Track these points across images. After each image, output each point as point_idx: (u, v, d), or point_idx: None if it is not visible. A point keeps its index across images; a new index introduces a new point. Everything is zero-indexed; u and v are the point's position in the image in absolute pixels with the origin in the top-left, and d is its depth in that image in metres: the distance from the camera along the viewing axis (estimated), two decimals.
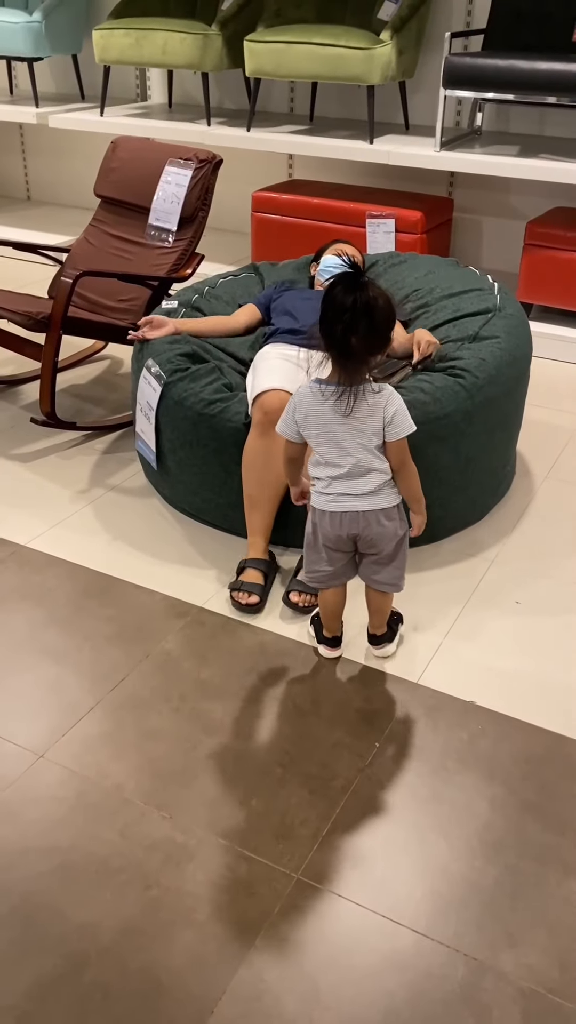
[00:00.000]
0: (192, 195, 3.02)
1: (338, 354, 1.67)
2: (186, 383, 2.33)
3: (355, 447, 1.73)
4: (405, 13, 3.71)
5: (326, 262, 2.66)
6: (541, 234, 3.56)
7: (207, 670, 1.95)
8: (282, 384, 2.24)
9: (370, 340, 1.64)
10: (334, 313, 1.62)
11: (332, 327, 1.63)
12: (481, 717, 1.84)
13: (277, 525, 2.29)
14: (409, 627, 2.09)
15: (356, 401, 1.70)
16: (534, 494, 2.65)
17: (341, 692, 1.90)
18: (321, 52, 3.62)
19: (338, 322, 1.62)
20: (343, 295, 1.61)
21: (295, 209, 4.01)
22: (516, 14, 3.72)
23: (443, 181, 4.30)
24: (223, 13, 4.02)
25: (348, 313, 1.60)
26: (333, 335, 1.64)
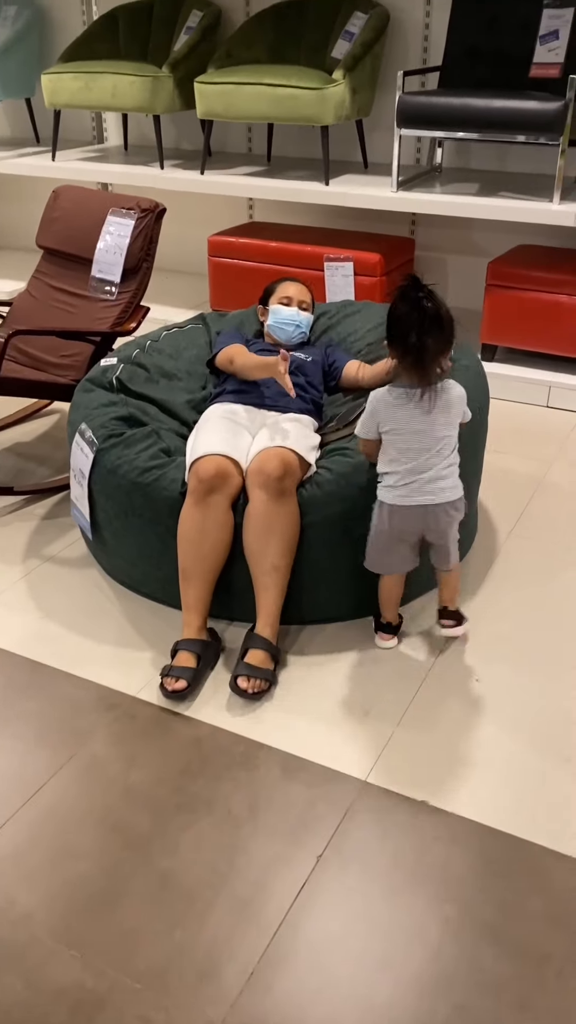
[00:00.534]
0: (135, 245, 2.89)
1: (415, 359, 1.85)
2: (120, 449, 2.18)
3: (437, 440, 1.91)
4: (358, 51, 3.62)
5: (277, 316, 2.52)
6: (503, 273, 3.45)
7: (136, 773, 1.78)
8: (221, 448, 2.10)
9: (441, 341, 1.85)
10: (407, 323, 1.83)
11: (406, 336, 1.83)
12: (434, 819, 1.68)
13: (221, 597, 2.13)
14: (360, 712, 1.93)
15: (436, 397, 1.89)
16: (497, 553, 2.50)
17: (281, 795, 1.73)
18: (272, 93, 3.52)
19: (412, 330, 1.82)
20: (412, 305, 1.82)
21: (252, 253, 3.89)
22: (472, 51, 3.63)
23: (405, 220, 4.20)
24: (174, 55, 3.93)
25: (420, 321, 1.81)
26: (408, 343, 1.83)
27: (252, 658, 1.96)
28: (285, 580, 2.02)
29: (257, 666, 1.95)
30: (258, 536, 2.00)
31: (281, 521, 1.99)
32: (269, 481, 1.99)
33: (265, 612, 2.00)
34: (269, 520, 1.99)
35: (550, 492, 2.83)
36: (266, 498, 2.00)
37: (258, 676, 1.94)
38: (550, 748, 1.83)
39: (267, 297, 2.60)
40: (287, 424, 2.21)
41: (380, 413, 1.93)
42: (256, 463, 2.05)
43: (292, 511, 2.01)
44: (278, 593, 2.00)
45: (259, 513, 2.00)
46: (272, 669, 1.98)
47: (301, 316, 2.53)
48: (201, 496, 2.02)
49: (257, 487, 2.01)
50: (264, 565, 2.00)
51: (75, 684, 2.01)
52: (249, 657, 1.96)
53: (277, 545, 1.99)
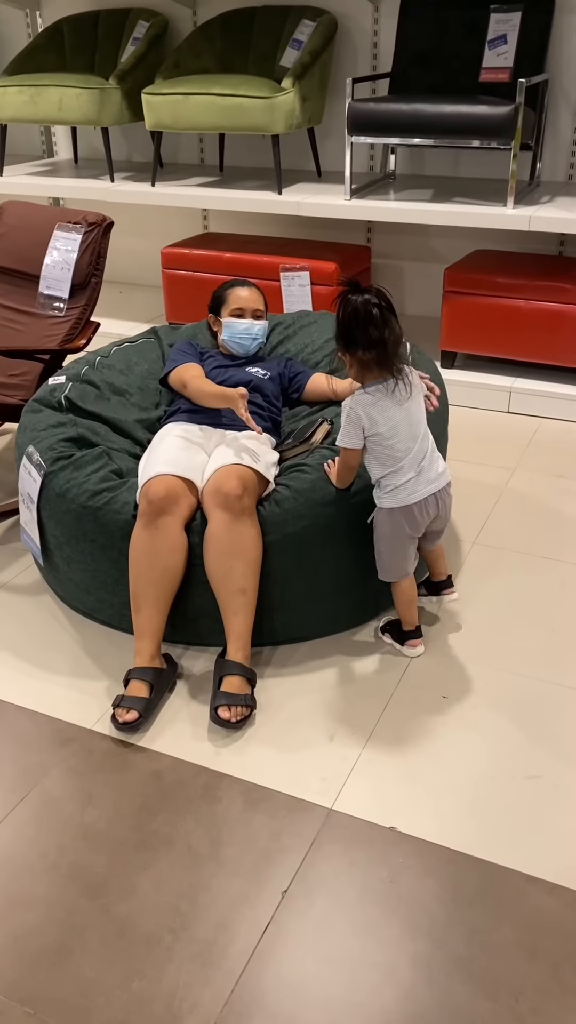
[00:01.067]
0: (83, 260, 2.82)
1: (380, 353, 1.86)
2: (68, 472, 2.10)
3: (420, 424, 1.94)
4: (307, 59, 3.58)
5: (232, 330, 2.46)
6: (460, 280, 3.42)
7: (92, 812, 1.70)
8: (173, 469, 2.03)
9: (396, 329, 1.87)
10: (362, 323, 1.84)
11: (368, 335, 1.84)
12: (403, 847, 1.62)
13: (177, 622, 2.07)
14: (324, 738, 1.87)
15: (407, 384, 1.91)
16: (461, 564, 2.46)
17: (244, 828, 1.66)
18: (220, 102, 3.47)
19: (370, 326, 1.83)
20: (363, 307, 1.84)
21: (207, 264, 3.83)
22: (421, 57, 3.61)
23: (361, 227, 4.16)
24: (121, 66, 3.87)
25: (374, 316, 1.83)
26: (370, 340, 1.84)
27: (229, 685, 1.88)
28: (253, 601, 1.95)
29: (235, 693, 1.87)
30: (220, 559, 1.93)
31: (243, 542, 1.93)
32: (228, 500, 1.93)
33: (236, 636, 1.93)
34: (231, 541, 1.92)
35: (513, 499, 2.80)
36: (226, 518, 1.93)
37: (238, 703, 1.86)
38: (519, 767, 1.78)
39: (218, 306, 2.52)
40: (244, 441, 2.15)
41: (364, 417, 1.90)
42: (213, 482, 1.99)
43: (253, 530, 1.95)
44: (247, 616, 1.93)
45: (220, 534, 1.93)
46: (251, 693, 1.90)
47: (256, 327, 2.47)
48: (151, 518, 1.95)
49: (216, 507, 1.94)
50: (230, 588, 1.93)
51: (28, 718, 1.93)
52: (225, 685, 1.88)
53: (241, 567, 1.92)
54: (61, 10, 4.38)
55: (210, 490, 1.99)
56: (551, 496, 2.80)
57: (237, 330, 2.46)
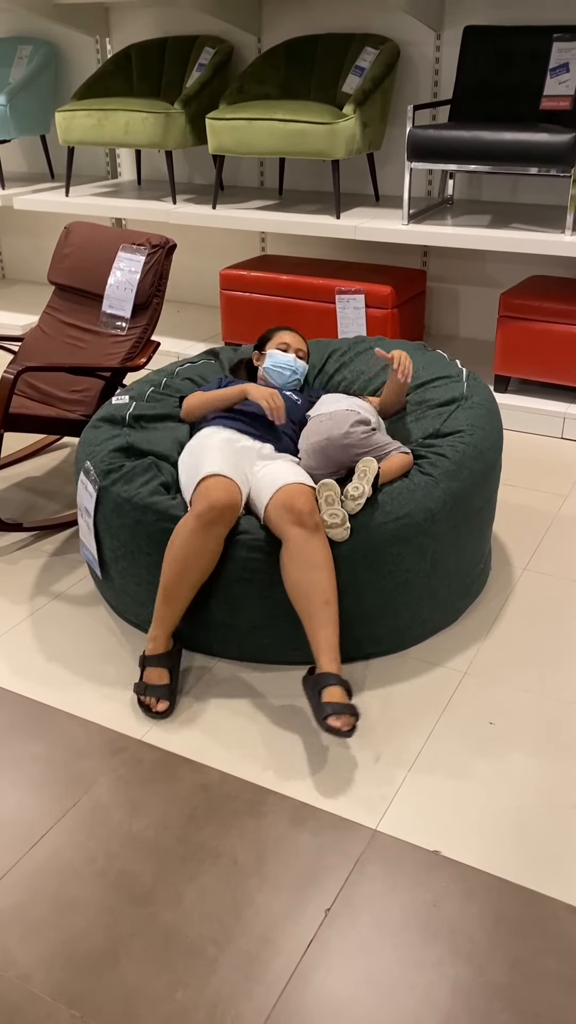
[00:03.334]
0: (145, 281, 2.89)
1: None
2: (120, 485, 2.15)
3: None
4: (368, 86, 3.64)
5: (274, 359, 2.53)
6: (516, 305, 3.43)
7: (140, 821, 1.74)
8: (231, 472, 2.07)
9: None
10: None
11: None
12: (446, 871, 1.62)
13: (199, 635, 2.11)
14: (370, 758, 1.88)
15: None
16: (512, 590, 2.46)
17: (290, 845, 1.68)
18: (282, 128, 3.54)
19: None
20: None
21: (264, 286, 3.89)
22: (482, 85, 3.64)
23: (418, 252, 4.19)
24: (186, 91, 3.97)
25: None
26: None
27: (332, 695, 1.86)
28: (336, 612, 1.97)
29: (340, 702, 1.85)
30: (305, 571, 1.96)
31: (322, 555, 1.97)
32: (302, 517, 1.98)
33: (328, 647, 1.93)
34: (313, 556, 1.96)
35: (565, 526, 2.78)
36: (303, 534, 1.97)
37: (346, 712, 1.84)
38: (565, 796, 1.78)
39: (263, 343, 2.64)
40: (284, 462, 2.20)
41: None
42: (283, 500, 2.02)
43: (327, 546, 2.00)
44: (335, 627, 1.95)
45: (301, 551, 1.97)
46: (351, 702, 1.90)
47: (298, 363, 2.57)
48: (206, 524, 1.97)
49: (291, 524, 1.98)
50: (316, 600, 1.95)
51: (80, 727, 1.98)
52: (328, 695, 1.86)
53: (325, 579, 1.96)
54: (130, 37, 4.51)
55: (282, 507, 2.01)
56: None
57: (280, 360, 2.54)
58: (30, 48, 4.60)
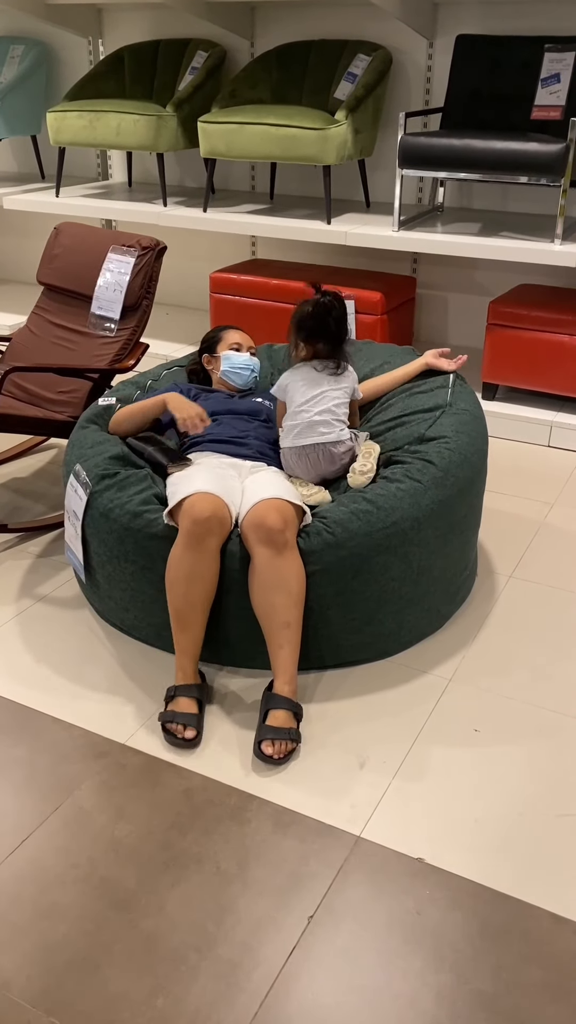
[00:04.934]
0: (135, 283, 2.88)
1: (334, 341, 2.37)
2: (112, 492, 2.14)
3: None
4: (361, 93, 3.65)
5: (231, 361, 2.55)
6: (504, 313, 3.44)
7: (123, 826, 1.73)
8: (213, 488, 2.05)
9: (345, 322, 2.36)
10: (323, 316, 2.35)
11: (325, 325, 2.35)
12: (430, 879, 1.62)
13: (212, 645, 2.10)
14: (354, 765, 1.88)
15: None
16: (496, 597, 2.46)
17: (273, 851, 1.68)
18: (274, 133, 3.54)
19: (328, 319, 2.35)
20: (327, 305, 2.35)
21: (253, 290, 3.89)
22: (474, 93, 3.65)
23: (407, 258, 4.21)
24: (179, 94, 3.96)
25: (335, 312, 2.35)
26: (328, 330, 2.36)
27: (274, 719, 1.89)
28: (298, 634, 1.96)
29: (280, 727, 1.87)
30: (265, 593, 1.95)
31: (286, 575, 1.94)
32: (271, 535, 1.94)
33: (282, 670, 1.94)
34: (275, 576, 1.94)
35: (551, 534, 2.79)
36: (268, 554, 1.94)
37: (283, 738, 1.87)
38: (550, 805, 1.78)
39: (212, 345, 2.64)
40: (268, 474, 2.19)
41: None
42: (253, 516, 1.99)
43: (296, 564, 1.96)
44: (292, 649, 1.94)
45: (265, 570, 1.95)
46: (295, 727, 1.90)
47: (253, 360, 2.60)
48: (195, 539, 1.97)
49: (258, 542, 1.96)
50: (276, 622, 1.94)
51: (65, 731, 1.96)
52: (271, 719, 1.89)
53: (284, 600, 1.94)
54: (123, 38, 4.50)
55: (251, 524, 1.99)
56: None
57: (237, 362, 2.56)
58: (22, 48, 4.58)
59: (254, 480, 2.15)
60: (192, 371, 2.73)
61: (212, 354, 2.63)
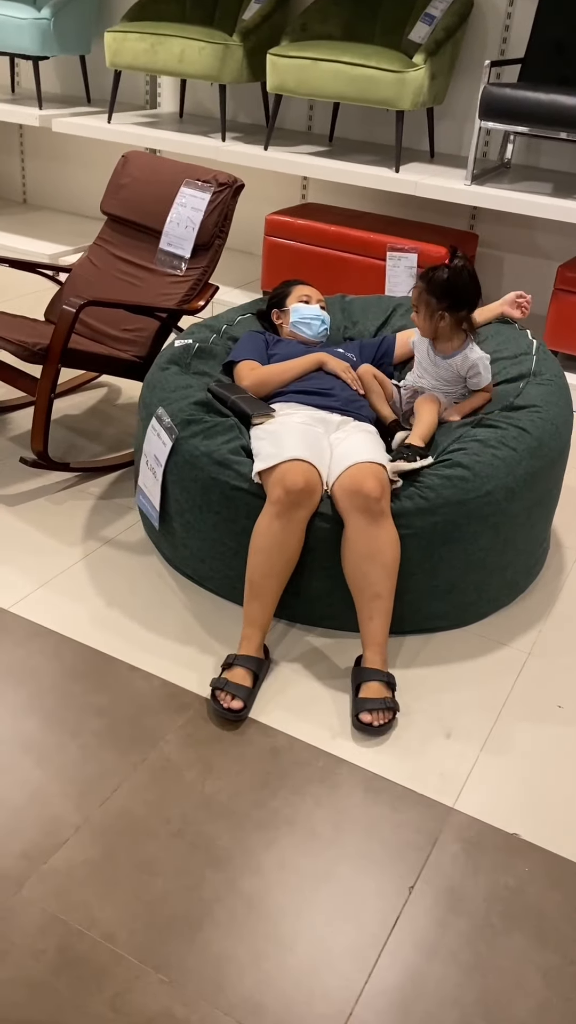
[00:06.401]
0: (209, 221, 2.77)
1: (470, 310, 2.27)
2: (199, 439, 2.07)
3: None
4: (441, 36, 3.49)
5: (301, 313, 2.47)
6: (573, 280, 3.35)
7: (212, 783, 1.69)
8: (308, 455, 1.96)
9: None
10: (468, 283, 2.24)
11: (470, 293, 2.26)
12: (527, 856, 1.60)
13: (288, 594, 2.03)
14: (440, 734, 1.85)
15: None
16: (568, 572, 2.42)
17: (367, 817, 1.65)
18: (349, 72, 3.39)
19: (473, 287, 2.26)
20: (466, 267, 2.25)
21: (311, 235, 3.77)
22: (556, 46, 3.51)
23: (464, 214, 4.09)
24: (245, 23, 3.79)
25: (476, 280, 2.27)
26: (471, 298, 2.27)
27: (368, 691, 1.84)
28: (390, 605, 1.91)
29: (375, 697, 1.83)
30: (359, 563, 1.89)
31: (380, 545, 1.88)
32: (368, 503, 1.88)
33: (373, 642, 1.89)
34: (371, 546, 1.88)
35: None
36: (364, 522, 1.88)
37: (379, 707, 1.82)
38: None
39: (282, 299, 2.56)
40: (360, 433, 2.12)
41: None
42: (348, 481, 1.92)
43: (391, 533, 1.90)
44: (384, 620, 1.89)
45: (359, 539, 1.89)
46: (391, 696, 1.85)
47: (324, 313, 2.52)
48: (287, 509, 1.89)
49: (355, 510, 1.89)
50: (368, 593, 1.89)
51: (143, 680, 1.92)
52: (364, 691, 1.84)
53: (379, 572, 1.88)
54: None
55: (347, 489, 1.92)
56: None
57: (307, 312, 2.48)
58: None
59: (346, 439, 2.08)
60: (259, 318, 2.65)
61: (281, 308, 2.55)
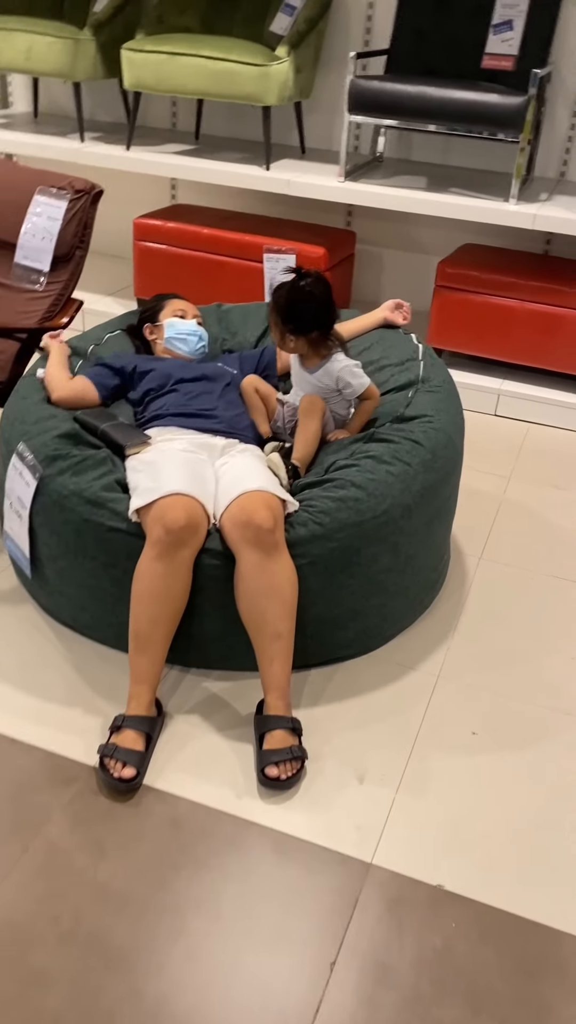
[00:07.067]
0: (67, 231, 2.56)
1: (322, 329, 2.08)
2: (67, 477, 1.88)
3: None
4: (303, 27, 3.36)
5: (176, 328, 2.32)
6: (453, 275, 3.29)
7: (106, 867, 1.52)
8: (190, 488, 1.79)
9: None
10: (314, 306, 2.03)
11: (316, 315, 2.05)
12: (453, 909, 1.49)
13: (181, 638, 1.86)
14: (353, 779, 1.73)
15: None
16: (471, 583, 2.34)
17: (280, 887, 1.51)
18: (210, 66, 3.22)
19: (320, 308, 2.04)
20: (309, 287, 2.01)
21: (183, 239, 3.59)
22: (419, 35, 3.43)
23: (341, 211, 3.98)
24: (96, 16, 3.56)
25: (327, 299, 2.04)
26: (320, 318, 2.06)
27: (272, 741, 1.69)
28: (291, 644, 1.76)
29: (280, 747, 1.68)
30: (254, 602, 1.74)
31: (278, 581, 1.73)
32: (260, 535, 1.72)
33: (275, 686, 1.73)
34: (266, 582, 1.73)
35: (512, 510, 2.69)
36: (257, 557, 1.73)
37: (286, 758, 1.67)
38: (565, 812, 1.68)
39: (154, 314, 2.40)
40: (246, 458, 1.97)
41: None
42: (238, 512, 1.76)
43: (287, 566, 1.76)
44: (285, 662, 1.74)
45: (254, 575, 1.73)
46: (298, 743, 1.70)
47: (201, 328, 2.36)
48: (168, 549, 1.72)
49: (247, 544, 1.73)
50: (266, 634, 1.73)
51: (23, 753, 1.72)
52: (268, 742, 1.69)
53: (277, 610, 1.73)
54: None
55: (237, 521, 1.76)
56: (550, 510, 2.71)
57: (182, 327, 2.33)
58: None
59: (233, 465, 1.92)
60: (130, 335, 2.46)
61: (154, 323, 2.37)
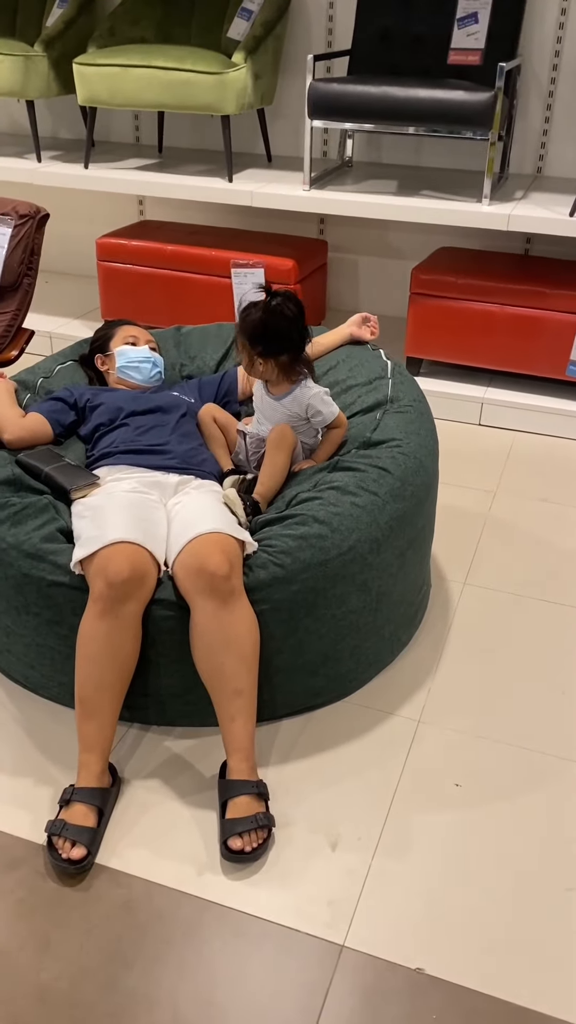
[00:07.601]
0: (13, 258, 2.43)
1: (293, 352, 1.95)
2: (6, 528, 1.74)
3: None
4: (259, 32, 3.23)
5: (127, 356, 2.19)
6: (429, 282, 3.15)
7: (51, 965, 1.38)
8: (135, 535, 1.64)
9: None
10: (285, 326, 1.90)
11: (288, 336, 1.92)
12: (435, 996, 1.35)
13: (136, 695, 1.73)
14: (325, 846, 1.58)
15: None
16: (454, 612, 2.20)
17: (243, 979, 1.37)
18: (164, 77, 3.09)
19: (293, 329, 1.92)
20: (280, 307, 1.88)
21: (148, 257, 3.46)
22: (383, 34, 3.29)
23: (312, 219, 3.85)
24: (47, 31, 3.44)
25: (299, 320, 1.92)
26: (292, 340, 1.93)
27: (235, 809, 1.54)
28: (254, 700, 1.61)
29: (244, 816, 1.53)
30: (211, 656, 1.60)
31: (236, 633, 1.59)
32: (214, 583, 1.58)
33: (237, 747, 1.59)
34: (224, 635, 1.59)
35: (498, 529, 2.55)
36: (213, 607, 1.59)
37: (251, 827, 1.52)
38: (558, 874, 1.53)
39: (104, 343, 2.27)
40: (201, 495, 1.83)
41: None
42: (190, 558, 1.62)
43: (246, 616, 1.62)
44: (247, 719, 1.59)
45: (210, 627, 1.59)
46: (264, 810, 1.56)
47: (155, 355, 2.23)
48: (111, 605, 1.58)
49: (201, 593, 1.59)
50: (226, 690, 1.59)
51: None
52: (231, 810, 1.54)
53: (236, 664, 1.59)
54: None
55: (189, 568, 1.62)
56: (539, 525, 2.57)
57: (134, 355, 2.20)
58: None
59: (185, 505, 1.78)
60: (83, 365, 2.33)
61: (105, 353, 2.25)
